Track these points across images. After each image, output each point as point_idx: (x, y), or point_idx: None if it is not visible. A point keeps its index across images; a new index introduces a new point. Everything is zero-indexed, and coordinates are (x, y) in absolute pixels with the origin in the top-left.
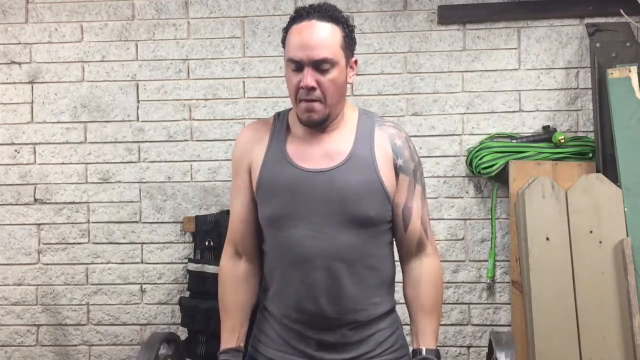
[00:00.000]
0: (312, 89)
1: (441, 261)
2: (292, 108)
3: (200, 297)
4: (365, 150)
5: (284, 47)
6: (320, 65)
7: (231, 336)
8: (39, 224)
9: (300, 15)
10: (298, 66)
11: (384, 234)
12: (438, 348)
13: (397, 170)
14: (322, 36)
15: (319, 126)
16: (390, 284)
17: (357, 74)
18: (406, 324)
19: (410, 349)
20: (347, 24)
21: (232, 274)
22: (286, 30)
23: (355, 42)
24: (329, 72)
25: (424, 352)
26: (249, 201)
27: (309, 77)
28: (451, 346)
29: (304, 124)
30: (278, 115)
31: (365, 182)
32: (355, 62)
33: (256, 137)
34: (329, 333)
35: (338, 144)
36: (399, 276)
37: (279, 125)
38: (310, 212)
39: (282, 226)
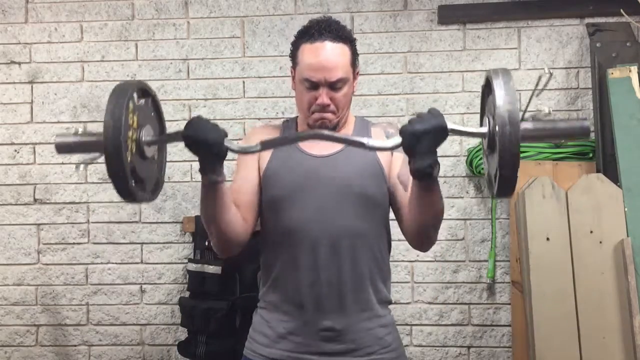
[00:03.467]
0: (328, 105)
1: (441, 261)
2: (298, 116)
3: (200, 297)
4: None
5: (292, 60)
6: (335, 85)
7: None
8: (39, 224)
9: (312, 35)
10: (314, 85)
11: (381, 218)
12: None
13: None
14: (337, 58)
15: None
16: (387, 277)
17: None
18: (403, 324)
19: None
20: (353, 41)
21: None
22: (296, 45)
23: (358, 54)
24: (342, 89)
25: None
26: (253, 179)
27: (325, 97)
28: (451, 346)
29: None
30: (287, 120)
31: (364, 164)
32: (358, 72)
33: (267, 133)
34: (329, 317)
35: None
36: (395, 276)
37: (288, 126)
38: (315, 193)
39: (288, 207)
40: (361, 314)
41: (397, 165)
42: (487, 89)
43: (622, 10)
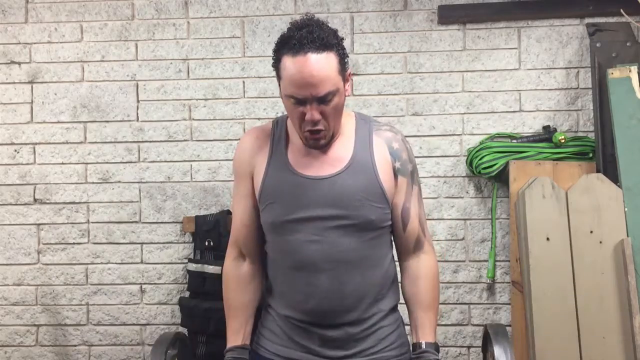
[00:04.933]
0: (318, 120)
1: (441, 261)
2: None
3: (200, 297)
4: (365, 156)
5: (275, 70)
6: (324, 99)
7: (237, 335)
8: (39, 224)
9: (293, 46)
10: (300, 102)
11: (384, 235)
12: (437, 342)
13: (396, 172)
14: (322, 71)
15: (324, 147)
16: (393, 282)
17: (357, 74)
18: (405, 325)
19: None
20: (339, 44)
21: (236, 274)
22: (277, 54)
23: (347, 55)
24: (332, 101)
25: (423, 346)
26: (251, 207)
27: (314, 112)
28: (451, 346)
29: (310, 148)
30: (277, 122)
31: (365, 186)
32: (350, 74)
33: (257, 145)
34: (332, 329)
35: (338, 151)
36: (398, 277)
37: (278, 133)
38: (312, 218)
39: (284, 231)
40: (364, 324)
41: (401, 196)
42: (487, 343)
43: (622, 10)
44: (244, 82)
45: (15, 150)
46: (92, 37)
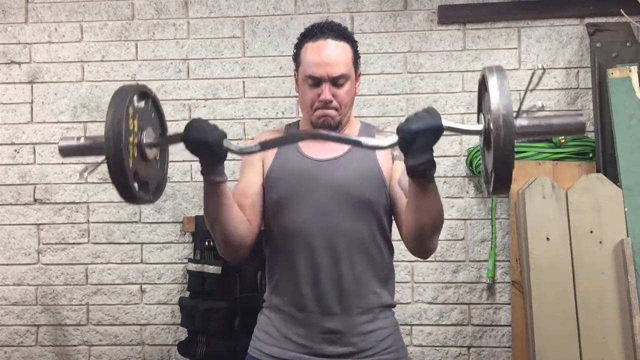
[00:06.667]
0: (330, 101)
1: (441, 261)
2: (300, 120)
3: (200, 297)
4: None
5: (295, 61)
6: (337, 81)
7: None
8: (39, 224)
9: (314, 34)
10: (316, 82)
11: (381, 226)
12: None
13: (394, 159)
14: (339, 55)
15: (332, 128)
16: (388, 281)
17: None
18: (403, 324)
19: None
20: (354, 42)
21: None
22: (298, 46)
23: (360, 56)
24: (344, 85)
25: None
26: (258, 183)
27: (327, 93)
28: (451, 346)
29: (319, 127)
30: (289, 125)
31: (364, 169)
32: (359, 74)
33: (270, 137)
34: (330, 319)
35: None
36: (395, 276)
37: (291, 131)
38: (314, 197)
39: (288, 210)
40: (362, 317)
41: (398, 171)
42: (483, 87)
43: (622, 10)
44: (244, 82)
45: (15, 150)
46: (92, 37)
